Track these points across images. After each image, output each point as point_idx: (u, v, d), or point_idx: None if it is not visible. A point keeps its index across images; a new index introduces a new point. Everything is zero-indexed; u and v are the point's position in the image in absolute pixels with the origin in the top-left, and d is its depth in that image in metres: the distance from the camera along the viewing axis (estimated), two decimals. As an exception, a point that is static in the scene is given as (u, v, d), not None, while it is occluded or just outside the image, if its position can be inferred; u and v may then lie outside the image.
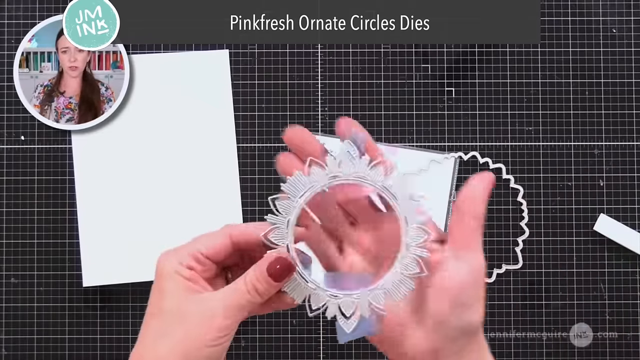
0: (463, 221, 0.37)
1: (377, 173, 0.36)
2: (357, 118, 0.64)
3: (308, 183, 0.37)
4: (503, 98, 0.64)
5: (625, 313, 0.63)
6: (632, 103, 0.64)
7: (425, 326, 0.36)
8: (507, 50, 0.65)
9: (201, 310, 0.35)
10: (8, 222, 0.64)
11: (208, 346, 0.35)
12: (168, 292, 0.36)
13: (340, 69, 0.64)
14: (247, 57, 0.65)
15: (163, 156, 0.64)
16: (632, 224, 0.63)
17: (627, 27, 0.65)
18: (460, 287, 0.36)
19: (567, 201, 0.64)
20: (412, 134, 0.64)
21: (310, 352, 0.63)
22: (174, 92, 0.64)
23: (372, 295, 0.36)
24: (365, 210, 0.38)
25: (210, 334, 0.35)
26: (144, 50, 0.64)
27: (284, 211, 0.37)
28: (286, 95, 0.64)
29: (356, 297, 0.36)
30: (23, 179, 0.64)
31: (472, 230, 0.37)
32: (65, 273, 0.63)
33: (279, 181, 0.66)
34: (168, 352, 0.35)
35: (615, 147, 0.64)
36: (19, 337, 0.63)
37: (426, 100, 0.64)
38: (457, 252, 0.36)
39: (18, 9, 0.65)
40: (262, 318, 0.63)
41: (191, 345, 0.35)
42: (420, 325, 0.37)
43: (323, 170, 0.36)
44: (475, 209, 0.37)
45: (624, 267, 0.63)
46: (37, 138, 0.64)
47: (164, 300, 0.36)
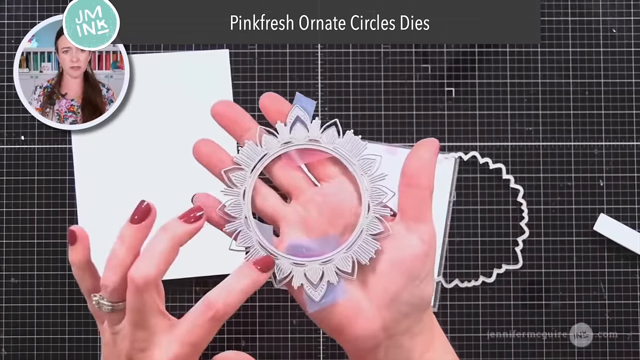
0: (413, 193, 0.36)
1: (330, 135, 0.36)
2: (357, 118, 0.64)
3: (261, 152, 0.36)
4: (503, 98, 0.64)
5: (625, 313, 0.63)
6: (632, 103, 0.64)
7: (376, 302, 0.35)
8: (507, 50, 0.65)
9: (172, 340, 0.35)
10: (8, 222, 0.64)
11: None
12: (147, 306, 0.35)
13: (340, 69, 0.64)
14: (247, 57, 0.65)
15: (163, 156, 0.64)
16: (632, 224, 0.63)
17: (627, 27, 0.65)
18: (412, 260, 0.35)
19: (567, 201, 0.64)
20: (412, 134, 0.64)
21: (310, 352, 0.63)
22: (174, 92, 0.64)
23: (338, 259, 0.35)
24: (324, 173, 0.37)
25: None
26: (144, 50, 0.64)
27: (239, 182, 0.36)
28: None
29: (322, 263, 0.35)
30: (23, 179, 0.64)
31: (423, 201, 0.36)
32: (65, 273, 0.63)
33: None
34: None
35: (615, 147, 0.64)
36: (19, 337, 0.63)
37: (426, 100, 0.64)
38: (408, 224, 0.36)
39: (18, 9, 0.65)
40: (262, 318, 0.63)
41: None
42: (371, 303, 0.36)
43: (275, 138, 0.36)
44: (425, 179, 0.36)
45: (624, 267, 0.63)
46: (37, 138, 0.64)
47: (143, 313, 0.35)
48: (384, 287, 0.35)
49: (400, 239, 0.36)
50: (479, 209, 0.64)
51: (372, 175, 0.35)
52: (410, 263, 0.35)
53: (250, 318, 0.63)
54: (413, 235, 0.35)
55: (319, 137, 0.36)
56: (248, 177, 0.36)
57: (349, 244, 0.35)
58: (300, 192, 0.37)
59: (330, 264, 0.35)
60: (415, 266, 0.35)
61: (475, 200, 0.64)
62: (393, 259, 0.35)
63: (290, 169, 0.37)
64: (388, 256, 0.35)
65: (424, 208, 0.36)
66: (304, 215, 0.37)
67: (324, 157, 0.36)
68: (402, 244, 0.35)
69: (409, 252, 0.35)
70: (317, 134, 0.36)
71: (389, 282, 0.35)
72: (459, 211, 0.64)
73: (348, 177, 0.36)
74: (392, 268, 0.35)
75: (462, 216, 0.64)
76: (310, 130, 0.36)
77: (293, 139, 0.36)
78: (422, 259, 0.35)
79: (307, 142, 0.36)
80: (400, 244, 0.35)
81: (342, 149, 0.36)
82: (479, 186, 0.64)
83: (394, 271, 0.35)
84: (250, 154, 0.36)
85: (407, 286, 0.35)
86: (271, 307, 0.63)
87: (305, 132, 0.36)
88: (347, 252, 0.35)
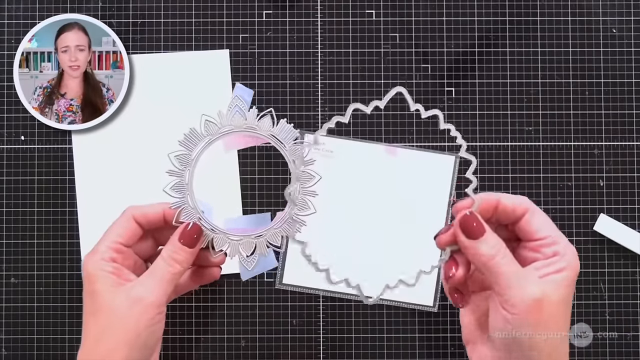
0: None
1: (265, 123, 0.39)
2: (357, 118, 0.64)
3: (203, 137, 0.40)
4: (503, 98, 0.64)
5: (625, 313, 0.63)
6: (632, 103, 0.64)
7: (491, 343, 0.36)
8: (507, 50, 0.65)
9: (130, 298, 0.37)
10: (8, 222, 0.64)
11: (146, 328, 0.37)
12: (98, 293, 0.38)
13: (340, 69, 0.64)
14: (247, 57, 0.65)
15: (163, 156, 0.64)
16: (632, 224, 0.63)
17: (627, 27, 0.65)
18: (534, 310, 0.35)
19: (567, 201, 0.64)
20: (412, 134, 0.64)
21: (310, 352, 0.63)
22: (174, 92, 0.64)
23: (269, 234, 0.39)
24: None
25: (145, 317, 0.37)
26: (144, 50, 0.64)
27: (183, 164, 0.40)
28: (286, 95, 0.64)
29: (254, 238, 0.40)
30: (23, 179, 0.64)
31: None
32: (65, 273, 0.63)
33: (279, 181, 0.66)
34: (111, 348, 0.37)
35: (615, 147, 0.64)
36: (19, 337, 0.63)
37: (426, 100, 0.64)
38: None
39: (18, 9, 0.65)
40: (262, 318, 0.63)
41: (131, 334, 0.37)
42: (487, 342, 0.37)
43: (216, 125, 0.39)
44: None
45: (624, 267, 0.63)
46: (37, 138, 0.64)
47: (95, 301, 0.38)
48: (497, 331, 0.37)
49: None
50: (479, 209, 0.64)
51: (302, 158, 0.39)
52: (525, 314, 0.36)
53: (250, 318, 0.63)
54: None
55: (255, 125, 0.39)
56: (191, 160, 0.40)
57: (279, 221, 0.40)
58: None
59: (262, 238, 0.40)
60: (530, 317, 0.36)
61: (475, 200, 0.64)
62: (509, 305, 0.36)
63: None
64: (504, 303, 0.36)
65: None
66: None
67: (260, 143, 0.40)
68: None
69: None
70: (253, 122, 0.39)
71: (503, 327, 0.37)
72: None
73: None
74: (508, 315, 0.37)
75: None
76: (248, 118, 0.39)
77: (232, 126, 0.39)
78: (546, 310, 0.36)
79: (244, 128, 0.39)
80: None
81: (277, 136, 0.39)
82: (479, 186, 0.64)
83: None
84: (192, 138, 0.40)
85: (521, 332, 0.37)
86: (271, 307, 0.63)
87: (243, 120, 0.39)
88: (277, 228, 0.40)
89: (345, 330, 0.63)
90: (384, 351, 0.63)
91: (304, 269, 0.63)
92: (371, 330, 0.63)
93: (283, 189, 0.63)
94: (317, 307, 0.63)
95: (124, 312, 0.37)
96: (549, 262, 0.35)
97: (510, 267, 0.34)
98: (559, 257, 0.35)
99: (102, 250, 0.39)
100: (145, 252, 0.42)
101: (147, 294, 0.37)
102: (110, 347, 0.37)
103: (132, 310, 0.37)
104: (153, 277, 0.38)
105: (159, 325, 0.38)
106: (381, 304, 0.63)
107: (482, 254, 0.35)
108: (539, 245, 0.36)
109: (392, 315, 0.63)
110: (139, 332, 0.37)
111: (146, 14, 0.65)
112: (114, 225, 0.40)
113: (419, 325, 0.63)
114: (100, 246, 0.39)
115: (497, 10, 0.65)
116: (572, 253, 0.36)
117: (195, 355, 0.63)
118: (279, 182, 0.63)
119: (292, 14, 0.65)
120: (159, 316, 0.37)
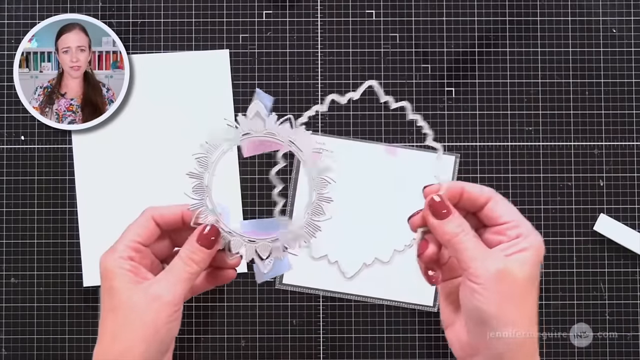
0: None
1: (285, 129, 0.39)
2: (357, 118, 0.64)
3: (224, 140, 0.40)
4: (503, 98, 0.64)
5: (625, 313, 0.63)
6: (632, 103, 0.64)
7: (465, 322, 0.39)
8: (507, 50, 0.65)
9: (148, 296, 0.38)
10: (8, 222, 0.64)
11: (164, 325, 0.37)
12: (116, 290, 0.38)
13: (340, 68, 0.64)
14: (247, 57, 0.65)
15: (163, 156, 0.64)
16: (632, 224, 0.63)
17: (627, 27, 0.65)
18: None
19: (567, 201, 0.64)
20: (412, 134, 0.64)
21: (310, 352, 0.63)
22: (174, 92, 0.64)
23: (285, 238, 0.40)
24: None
25: (162, 315, 0.37)
26: (144, 50, 0.64)
27: (203, 166, 0.40)
28: (286, 95, 0.64)
29: (271, 241, 0.40)
30: (23, 179, 0.64)
31: None
32: (65, 273, 0.63)
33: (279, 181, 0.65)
34: (129, 344, 0.37)
35: (615, 147, 0.64)
36: (19, 337, 0.63)
37: (426, 100, 0.64)
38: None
39: (18, 9, 0.65)
40: (262, 318, 0.63)
41: (149, 331, 0.37)
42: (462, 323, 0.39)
43: (236, 129, 0.40)
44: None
45: (624, 267, 0.63)
46: (37, 138, 0.64)
47: (113, 298, 0.38)
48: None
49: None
50: (479, 209, 0.64)
51: (319, 166, 0.40)
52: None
53: (250, 318, 0.63)
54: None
55: (275, 130, 0.39)
56: (211, 163, 0.40)
57: (295, 226, 0.40)
58: None
59: (278, 242, 0.40)
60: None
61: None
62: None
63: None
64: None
65: None
66: None
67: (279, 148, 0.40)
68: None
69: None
70: (273, 127, 0.39)
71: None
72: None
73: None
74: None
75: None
76: (267, 124, 0.39)
77: (252, 131, 0.39)
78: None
79: (264, 134, 0.39)
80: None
81: (295, 142, 0.40)
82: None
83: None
84: (213, 142, 0.40)
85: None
86: (271, 307, 0.63)
87: (263, 125, 0.39)
88: (293, 233, 0.40)
89: (345, 330, 0.63)
90: (384, 351, 0.63)
91: (304, 269, 0.63)
92: (371, 330, 0.63)
93: (286, 190, 0.63)
94: (317, 307, 0.63)
95: (142, 308, 0.37)
96: (513, 243, 0.38)
97: (474, 243, 0.38)
98: (522, 238, 0.38)
99: (121, 249, 0.39)
100: (161, 252, 0.42)
101: (165, 292, 0.38)
102: (127, 343, 0.37)
103: (150, 307, 0.37)
104: (171, 276, 0.39)
105: (175, 323, 0.39)
106: (381, 304, 0.63)
107: (447, 232, 0.38)
108: (504, 229, 0.38)
109: (392, 315, 0.63)
110: (157, 329, 0.37)
111: (146, 14, 0.65)
112: (133, 225, 0.40)
113: (419, 325, 0.63)
114: (118, 245, 0.39)
115: (497, 10, 0.65)
116: (535, 235, 0.38)
117: (195, 355, 0.63)
118: (283, 182, 0.63)
119: (292, 14, 0.65)
120: (175, 314, 0.38)
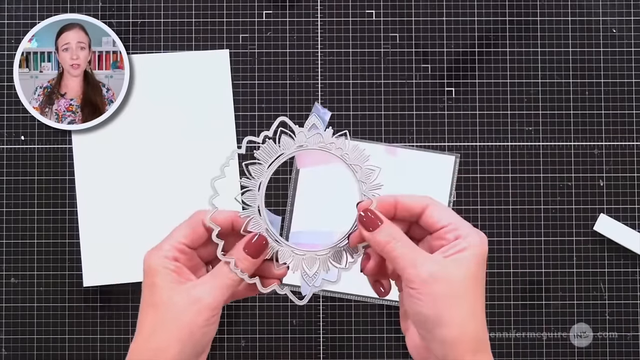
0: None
1: (339, 143, 0.40)
2: (357, 118, 0.64)
3: (278, 151, 0.40)
4: (503, 98, 0.64)
5: (625, 313, 0.63)
6: (632, 103, 0.64)
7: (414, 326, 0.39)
8: (507, 50, 0.65)
9: (190, 297, 0.38)
10: (8, 222, 0.64)
11: (200, 328, 0.38)
12: (158, 287, 0.38)
13: (340, 69, 0.64)
14: (247, 57, 0.65)
15: (163, 156, 0.64)
16: (632, 224, 0.63)
17: (627, 27, 0.65)
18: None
19: (567, 201, 0.64)
20: (412, 134, 0.64)
21: (310, 352, 0.63)
22: (174, 92, 0.64)
23: (333, 252, 0.40)
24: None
25: (200, 318, 0.38)
26: (144, 50, 0.64)
27: (256, 175, 0.40)
28: (286, 95, 0.64)
29: (319, 254, 0.40)
30: (23, 179, 0.64)
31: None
32: (65, 273, 0.63)
33: (279, 181, 0.66)
34: (165, 341, 0.37)
35: (615, 147, 0.64)
36: (19, 337, 0.63)
37: (426, 100, 0.64)
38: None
39: (18, 9, 0.65)
40: (262, 318, 0.63)
41: (185, 332, 0.37)
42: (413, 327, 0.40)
43: (292, 140, 0.40)
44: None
45: (624, 267, 0.63)
46: (37, 138, 0.64)
47: (155, 295, 0.38)
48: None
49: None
50: (479, 209, 0.64)
51: (370, 183, 0.40)
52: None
53: (250, 318, 0.63)
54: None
55: (330, 144, 0.40)
56: (264, 172, 0.40)
57: (342, 240, 0.40)
58: None
59: (325, 255, 0.40)
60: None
61: (476, 200, 0.64)
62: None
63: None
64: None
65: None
66: None
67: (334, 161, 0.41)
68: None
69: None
70: (329, 141, 0.40)
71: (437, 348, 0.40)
72: (459, 211, 0.64)
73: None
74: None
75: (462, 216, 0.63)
76: (324, 137, 0.40)
77: (307, 143, 0.40)
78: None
79: (319, 147, 0.40)
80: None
81: (349, 157, 0.40)
82: (479, 186, 0.64)
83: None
84: (269, 151, 0.41)
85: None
86: (271, 307, 0.63)
87: (320, 138, 0.40)
88: (341, 247, 0.40)
89: (345, 330, 0.63)
90: (384, 351, 0.63)
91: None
92: (371, 330, 0.63)
93: (285, 190, 0.63)
94: (317, 307, 0.63)
95: (181, 309, 0.38)
96: (452, 245, 0.39)
97: (406, 250, 0.38)
98: (461, 239, 0.39)
99: (166, 249, 0.39)
100: (206, 256, 0.42)
101: (206, 295, 0.38)
102: (163, 342, 0.38)
103: (189, 308, 0.38)
104: (214, 280, 0.39)
105: (212, 327, 0.39)
106: (381, 304, 0.63)
107: (379, 242, 0.39)
108: (443, 232, 0.39)
109: (392, 315, 0.63)
110: (193, 331, 0.38)
111: (146, 14, 0.65)
112: (181, 226, 0.41)
113: (419, 325, 0.63)
114: (164, 244, 0.40)
115: (497, 10, 0.65)
116: (475, 234, 0.39)
117: (195, 355, 0.63)
118: (278, 181, 0.63)
119: (292, 14, 0.65)
120: (213, 318, 0.38)
